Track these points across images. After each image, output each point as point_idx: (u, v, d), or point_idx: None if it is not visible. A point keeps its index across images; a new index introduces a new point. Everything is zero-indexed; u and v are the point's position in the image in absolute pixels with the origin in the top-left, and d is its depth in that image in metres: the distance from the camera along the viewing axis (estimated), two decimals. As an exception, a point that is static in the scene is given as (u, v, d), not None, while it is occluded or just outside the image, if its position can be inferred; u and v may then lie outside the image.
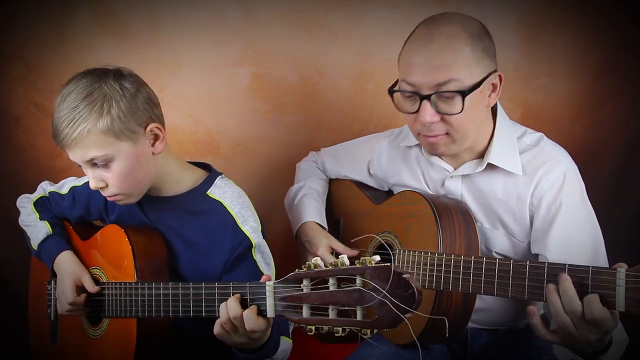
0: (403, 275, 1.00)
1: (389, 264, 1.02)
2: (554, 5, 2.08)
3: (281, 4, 2.07)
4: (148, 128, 1.43)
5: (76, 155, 1.41)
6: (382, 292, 1.00)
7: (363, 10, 2.09)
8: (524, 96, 2.13)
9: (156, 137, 1.46)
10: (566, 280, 1.17)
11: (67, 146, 1.40)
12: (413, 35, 1.46)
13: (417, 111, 1.42)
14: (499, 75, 1.45)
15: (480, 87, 1.40)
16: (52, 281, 1.64)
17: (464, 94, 1.38)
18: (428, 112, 1.40)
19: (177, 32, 2.05)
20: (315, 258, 1.12)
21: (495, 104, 1.53)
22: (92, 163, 1.41)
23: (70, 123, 1.36)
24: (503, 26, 2.07)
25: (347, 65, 2.14)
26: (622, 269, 1.13)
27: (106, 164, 1.41)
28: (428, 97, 1.39)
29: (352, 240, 1.69)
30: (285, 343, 1.46)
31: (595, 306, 1.13)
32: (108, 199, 1.49)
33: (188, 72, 2.09)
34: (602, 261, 1.43)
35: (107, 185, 1.44)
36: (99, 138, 1.38)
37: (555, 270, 1.21)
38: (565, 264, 1.20)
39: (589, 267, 1.17)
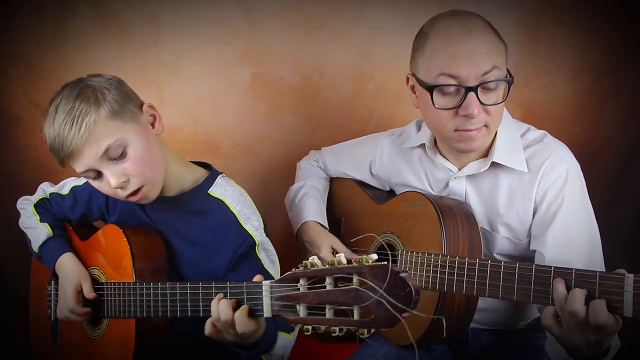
0: (400, 274, 0.98)
1: (386, 262, 1.00)
2: (554, 6, 2.08)
3: (281, 4, 2.07)
4: (144, 108, 1.47)
5: (89, 154, 1.38)
6: (379, 291, 0.98)
7: (363, 10, 2.09)
8: (524, 96, 2.13)
9: (154, 118, 1.49)
10: (580, 292, 1.15)
11: (77, 149, 1.37)
12: (440, 28, 1.41)
13: (460, 105, 1.39)
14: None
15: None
16: (53, 282, 1.63)
17: (509, 81, 1.40)
18: (475, 103, 1.38)
19: (177, 32, 2.05)
20: (312, 257, 1.10)
21: None
22: (108, 157, 1.39)
23: (73, 123, 1.36)
24: (503, 26, 2.04)
25: (347, 65, 2.13)
26: (630, 275, 1.12)
27: (122, 152, 1.40)
28: (474, 89, 1.37)
29: (352, 240, 1.68)
30: (284, 338, 1.44)
31: (601, 312, 1.12)
32: (131, 199, 1.45)
33: (188, 72, 2.08)
34: (599, 260, 1.43)
35: (128, 180, 1.42)
36: (107, 125, 1.38)
37: (563, 275, 1.19)
38: (572, 269, 1.19)
39: (596, 272, 1.16)
